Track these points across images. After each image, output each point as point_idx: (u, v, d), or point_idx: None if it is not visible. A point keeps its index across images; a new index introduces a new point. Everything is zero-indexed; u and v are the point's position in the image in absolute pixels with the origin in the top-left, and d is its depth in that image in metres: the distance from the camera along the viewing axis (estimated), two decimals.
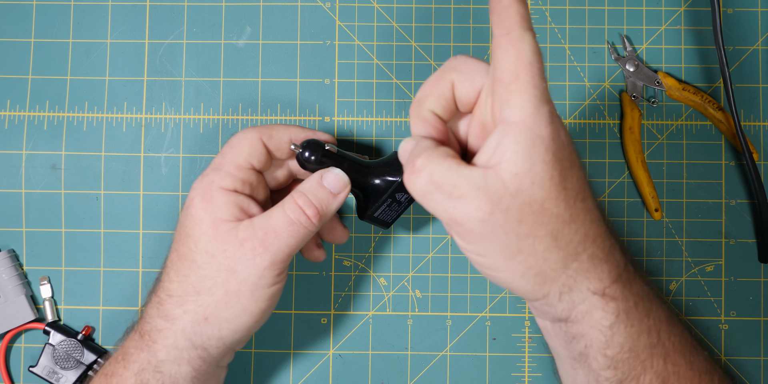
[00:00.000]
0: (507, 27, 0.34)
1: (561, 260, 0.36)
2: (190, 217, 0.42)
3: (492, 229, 0.35)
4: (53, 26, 0.53)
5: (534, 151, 0.34)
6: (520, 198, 0.34)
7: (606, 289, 0.37)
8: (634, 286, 0.38)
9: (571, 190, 0.35)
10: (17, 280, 0.51)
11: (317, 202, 0.42)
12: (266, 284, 0.41)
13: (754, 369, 0.51)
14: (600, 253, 0.37)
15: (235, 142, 0.44)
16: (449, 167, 0.35)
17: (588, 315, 0.37)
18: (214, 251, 0.41)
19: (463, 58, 0.38)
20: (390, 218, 0.46)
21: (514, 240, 0.35)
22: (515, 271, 0.36)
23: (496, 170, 0.34)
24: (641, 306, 0.38)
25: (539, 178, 0.34)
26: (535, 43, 0.35)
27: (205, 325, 0.41)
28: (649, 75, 0.52)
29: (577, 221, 0.36)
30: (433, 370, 0.51)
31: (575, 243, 0.36)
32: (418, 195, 0.36)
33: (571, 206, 0.36)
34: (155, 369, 0.41)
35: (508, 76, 0.34)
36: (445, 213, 0.35)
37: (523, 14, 0.35)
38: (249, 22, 0.53)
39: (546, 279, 0.36)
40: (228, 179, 0.42)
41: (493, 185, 0.34)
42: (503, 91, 0.35)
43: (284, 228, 0.41)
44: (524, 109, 0.34)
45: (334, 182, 0.43)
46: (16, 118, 0.52)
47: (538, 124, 0.34)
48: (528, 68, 0.34)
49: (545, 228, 0.35)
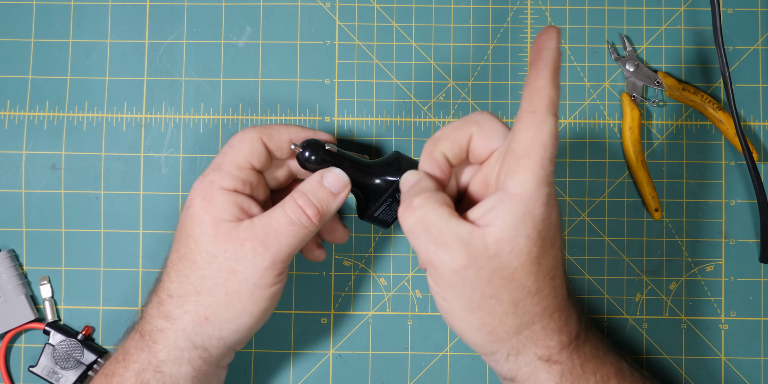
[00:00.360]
0: (535, 106, 0.36)
1: (515, 326, 0.38)
2: (191, 217, 0.42)
3: (461, 281, 0.37)
4: (53, 26, 0.53)
5: (522, 225, 0.36)
6: (495, 262, 0.37)
7: (552, 356, 0.39)
8: (582, 350, 0.40)
9: (544, 267, 0.38)
10: (17, 280, 0.51)
11: (317, 201, 0.43)
12: (267, 284, 0.41)
13: (754, 369, 0.51)
14: (554, 325, 0.39)
15: (236, 142, 0.44)
16: (441, 215, 0.37)
17: (533, 376, 0.39)
18: (214, 251, 0.41)
19: (488, 117, 0.41)
20: (390, 218, 0.46)
21: (478, 297, 0.38)
22: (471, 324, 0.39)
23: (482, 231, 0.37)
24: (588, 365, 0.40)
25: (518, 250, 0.37)
26: (555, 129, 0.37)
27: (205, 325, 0.41)
28: (649, 75, 0.52)
29: (541, 295, 0.38)
30: (433, 370, 0.51)
31: (532, 314, 0.38)
32: (407, 231, 0.38)
33: (540, 281, 0.38)
34: (156, 369, 0.41)
35: (521, 150, 0.36)
36: (425, 254, 0.38)
37: (552, 99, 0.37)
38: (249, 22, 0.53)
39: (497, 339, 0.39)
40: (228, 179, 0.42)
41: (475, 243, 0.37)
42: (512, 163, 0.37)
43: (285, 228, 0.41)
44: (525, 184, 0.36)
45: (334, 182, 0.43)
46: (16, 118, 0.52)
47: (533, 202, 0.36)
48: (541, 149, 0.36)
49: (509, 294, 0.37)
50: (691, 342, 0.51)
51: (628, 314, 0.52)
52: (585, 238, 0.52)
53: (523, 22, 0.53)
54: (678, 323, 0.51)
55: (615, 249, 0.52)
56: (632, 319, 0.52)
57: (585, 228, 0.52)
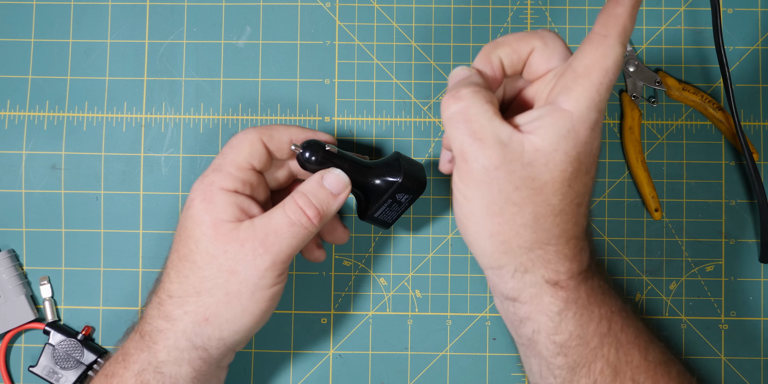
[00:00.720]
0: (608, 30, 0.36)
1: (530, 241, 0.38)
2: (191, 218, 0.42)
3: (489, 180, 0.36)
4: (53, 26, 0.53)
5: (563, 141, 0.36)
6: (528, 170, 0.36)
7: (560, 281, 0.38)
8: (589, 282, 0.40)
9: (573, 190, 0.37)
10: (17, 280, 0.51)
11: (318, 202, 0.43)
12: (267, 285, 0.41)
13: (754, 369, 0.51)
14: (568, 251, 0.38)
15: (236, 142, 0.44)
16: (486, 111, 0.37)
17: (536, 298, 0.38)
18: (214, 252, 0.41)
19: (555, 36, 0.40)
20: (390, 218, 0.46)
21: (502, 201, 0.37)
22: (486, 229, 0.38)
23: (523, 137, 0.36)
24: (594, 298, 0.39)
25: (553, 165, 0.36)
26: (621, 58, 0.36)
27: (205, 325, 0.41)
28: (649, 75, 0.52)
29: (563, 217, 0.37)
30: (433, 370, 0.51)
31: (550, 234, 0.38)
32: (447, 118, 0.37)
33: (565, 203, 0.37)
34: (155, 370, 0.41)
35: (582, 69, 0.36)
36: (460, 145, 0.37)
37: (627, 28, 0.36)
38: (249, 22, 0.53)
39: (508, 251, 0.38)
40: (228, 180, 0.42)
41: (513, 146, 0.36)
42: (570, 80, 0.36)
43: (285, 229, 0.41)
44: (579, 103, 0.36)
45: (334, 183, 0.43)
46: (16, 118, 0.52)
47: (581, 122, 0.36)
48: (602, 73, 0.36)
49: (533, 207, 0.37)
50: (691, 342, 0.51)
51: None
52: None
53: (523, 22, 0.53)
54: (678, 323, 0.51)
55: (615, 249, 0.52)
56: None
57: None
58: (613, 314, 0.40)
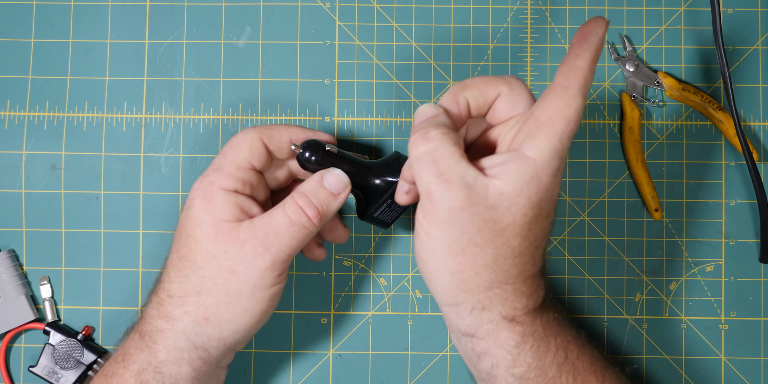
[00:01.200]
0: (570, 82, 0.38)
1: (489, 281, 0.39)
2: (191, 217, 0.42)
3: (453, 220, 0.37)
4: (53, 26, 0.53)
5: (526, 187, 0.37)
6: (491, 213, 0.37)
7: (517, 317, 0.39)
8: (544, 316, 0.41)
9: (533, 233, 0.39)
10: (17, 280, 0.51)
11: (318, 202, 0.43)
12: (267, 285, 0.41)
13: (754, 369, 0.51)
14: (525, 289, 0.40)
15: (236, 142, 0.44)
16: (454, 153, 0.38)
17: (494, 334, 0.39)
18: (214, 252, 0.41)
19: (521, 83, 0.41)
20: (390, 218, 0.46)
21: (464, 241, 0.38)
22: (447, 268, 0.39)
23: (487, 181, 0.37)
24: (549, 330, 0.41)
25: (515, 209, 0.37)
26: (581, 109, 0.38)
27: (205, 325, 0.41)
28: (649, 75, 0.52)
29: (522, 258, 0.39)
30: (433, 370, 0.51)
31: (509, 274, 0.39)
32: (414, 158, 0.38)
33: (525, 245, 0.39)
34: (155, 370, 0.41)
35: (545, 118, 0.38)
36: (426, 184, 0.38)
37: (588, 80, 0.38)
38: (249, 22, 0.53)
39: (467, 289, 0.39)
40: (228, 180, 0.42)
41: (478, 189, 0.37)
42: (534, 129, 0.38)
43: (285, 228, 0.41)
44: (542, 151, 0.37)
45: (334, 183, 0.43)
46: (16, 118, 0.52)
47: (544, 169, 0.37)
48: (565, 122, 0.37)
49: (494, 249, 0.38)
50: (691, 342, 0.51)
51: (628, 314, 0.52)
52: (585, 238, 0.52)
53: (523, 22, 0.53)
54: (678, 323, 0.51)
55: (615, 249, 0.52)
56: (632, 319, 0.52)
57: (585, 228, 0.52)
58: (568, 343, 0.41)
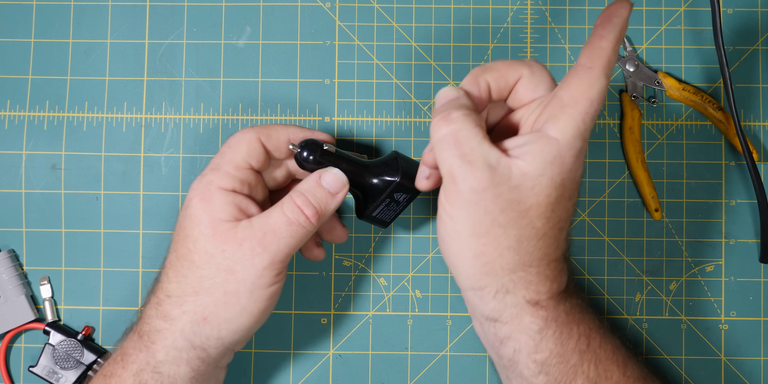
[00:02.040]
0: (593, 63, 0.37)
1: (513, 263, 0.38)
2: (189, 217, 0.42)
3: (477, 201, 0.37)
4: (53, 26, 0.53)
5: (549, 167, 0.37)
6: (514, 193, 0.37)
7: (540, 301, 0.39)
8: (568, 302, 0.41)
9: (556, 214, 0.38)
10: (17, 280, 0.51)
11: (316, 202, 0.43)
12: (265, 284, 0.41)
13: (754, 369, 0.51)
14: (549, 273, 0.39)
15: (234, 142, 0.44)
16: (475, 134, 0.37)
17: (517, 318, 0.39)
18: (212, 251, 0.41)
19: (542, 66, 0.41)
20: (389, 218, 0.46)
21: (488, 222, 0.37)
22: (470, 250, 0.38)
23: (510, 161, 0.37)
24: (572, 316, 0.40)
25: (539, 189, 0.37)
26: (605, 89, 0.38)
27: (204, 325, 0.41)
28: (649, 75, 0.52)
29: (546, 240, 0.38)
30: (433, 370, 0.51)
31: (533, 256, 0.38)
32: (437, 140, 0.38)
33: (548, 227, 0.38)
34: (153, 370, 0.41)
35: (568, 98, 0.37)
36: (449, 166, 0.37)
37: (611, 61, 0.38)
38: (249, 22, 0.53)
39: (491, 272, 0.39)
40: (227, 179, 0.42)
41: (501, 170, 0.37)
42: (557, 109, 0.38)
43: (283, 228, 0.41)
44: (565, 131, 0.37)
45: (332, 182, 0.43)
46: (16, 118, 0.52)
47: (567, 149, 0.37)
48: (588, 103, 0.37)
49: (518, 230, 0.38)
50: (691, 342, 0.51)
51: (628, 314, 0.52)
52: (585, 238, 0.52)
53: (523, 22, 0.53)
54: (678, 323, 0.51)
55: (615, 249, 0.52)
56: (632, 319, 0.52)
57: (585, 228, 0.52)
58: (591, 331, 0.41)
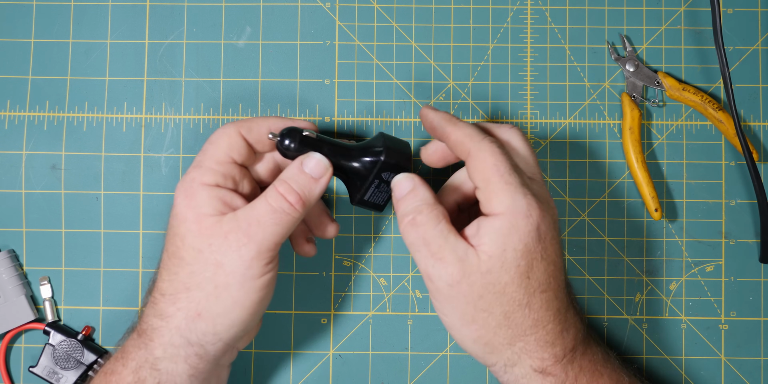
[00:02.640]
0: (465, 151, 0.41)
1: (509, 338, 0.40)
2: (175, 216, 0.42)
3: (455, 294, 0.40)
4: (53, 26, 0.53)
5: (508, 240, 0.39)
6: (487, 278, 0.39)
7: (546, 368, 0.41)
8: (578, 362, 0.42)
9: (533, 280, 0.40)
10: (17, 280, 0.51)
11: (299, 188, 0.42)
12: (255, 275, 0.41)
13: (754, 369, 0.51)
14: (548, 337, 0.41)
15: (215, 138, 0.44)
16: (441, 231, 0.40)
17: None
18: (200, 246, 0.41)
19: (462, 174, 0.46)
20: (381, 200, 0.45)
21: (471, 310, 0.40)
22: (468, 337, 0.41)
23: (476, 249, 0.40)
24: (582, 379, 0.42)
25: (508, 264, 0.39)
26: (494, 146, 0.41)
27: (198, 321, 0.41)
28: (649, 75, 0.52)
29: (531, 308, 0.40)
30: (433, 370, 0.51)
31: (524, 326, 0.40)
32: (409, 244, 0.41)
33: (529, 295, 0.40)
34: (152, 366, 0.42)
35: (481, 183, 0.40)
36: (424, 266, 0.40)
37: (469, 135, 0.41)
38: (249, 22, 0.53)
39: (493, 350, 0.41)
40: (209, 175, 0.42)
41: (469, 260, 0.39)
42: (482, 195, 0.41)
43: (267, 216, 0.41)
44: (502, 203, 0.39)
45: (314, 167, 0.43)
46: (16, 118, 0.52)
47: (515, 216, 0.39)
48: (494, 170, 0.40)
49: (501, 308, 0.40)
50: (691, 342, 0.51)
51: (628, 314, 0.52)
52: (585, 238, 0.52)
53: (523, 22, 0.53)
54: (678, 323, 0.51)
55: (615, 249, 0.52)
56: (632, 319, 0.52)
57: (585, 228, 0.52)
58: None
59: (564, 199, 0.52)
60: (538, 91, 0.52)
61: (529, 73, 0.52)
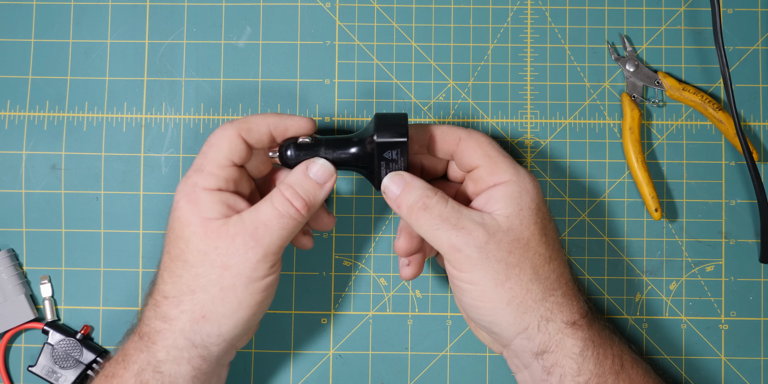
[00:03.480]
0: (452, 139, 0.44)
1: (541, 292, 0.42)
2: (178, 219, 0.42)
3: (485, 256, 0.41)
4: (53, 26, 0.53)
5: (521, 200, 0.42)
6: (510, 234, 0.42)
7: (577, 320, 0.42)
8: (596, 323, 0.44)
9: (550, 236, 0.43)
10: (17, 280, 0.51)
11: (304, 193, 0.43)
12: (260, 277, 0.42)
13: (754, 369, 0.51)
14: (571, 291, 0.43)
15: (215, 140, 0.43)
16: (453, 207, 0.42)
17: (561, 343, 0.42)
18: (206, 249, 0.41)
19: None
20: None
21: (503, 268, 0.41)
22: (502, 300, 0.41)
23: (491, 214, 0.42)
24: (605, 338, 0.44)
25: (526, 221, 0.42)
26: (480, 132, 0.45)
27: (203, 323, 0.41)
28: (649, 75, 0.52)
29: (555, 262, 0.43)
30: (433, 370, 0.51)
31: (552, 279, 0.42)
32: (425, 226, 0.42)
33: (550, 248, 0.43)
34: (155, 369, 0.41)
35: (481, 159, 0.43)
36: (447, 240, 0.41)
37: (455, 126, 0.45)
38: (249, 22, 0.53)
39: (527, 309, 0.42)
40: (211, 179, 0.42)
41: (489, 222, 0.42)
42: (485, 170, 0.43)
43: (274, 221, 0.41)
44: (507, 171, 0.43)
45: (320, 173, 0.43)
46: (16, 118, 0.52)
47: (522, 180, 0.43)
48: (491, 147, 0.44)
49: (529, 261, 0.42)
50: (691, 342, 0.51)
51: (628, 314, 0.52)
52: (585, 238, 0.52)
53: (523, 22, 0.53)
54: (678, 323, 0.51)
55: (615, 249, 0.52)
56: (632, 319, 0.52)
57: (585, 228, 0.52)
58: (623, 352, 0.44)
59: (564, 199, 0.52)
60: (538, 91, 0.52)
61: (529, 73, 0.52)
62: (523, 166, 0.52)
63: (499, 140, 0.52)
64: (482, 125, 0.52)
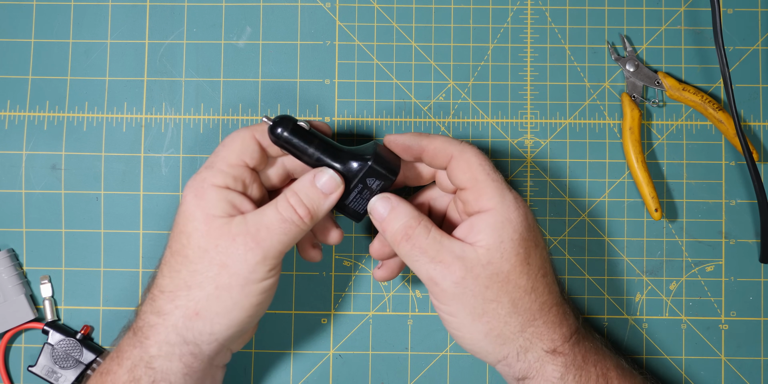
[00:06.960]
0: (443, 156, 0.44)
1: (519, 324, 0.42)
2: (183, 214, 0.42)
3: (462, 291, 0.41)
4: (53, 26, 0.53)
5: (503, 231, 0.41)
6: (489, 269, 0.41)
7: (557, 348, 0.42)
8: (583, 344, 0.44)
9: (534, 266, 0.42)
10: (17, 280, 0.51)
11: (309, 202, 0.43)
12: (257, 279, 0.42)
13: (754, 369, 0.51)
14: (554, 319, 0.43)
15: (228, 140, 0.44)
16: (434, 237, 0.42)
17: (541, 370, 0.42)
18: (206, 246, 0.41)
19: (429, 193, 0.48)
20: (361, 209, 0.45)
21: (480, 303, 0.41)
22: (479, 332, 0.42)
23: (472, 245, 0.41)
24: (588, 358, 0.43)
25: (507, 253, 0.41)
26: (474, 148, 0.43)
27: (196, 320, 0.41)
28: (649, 75, 0.52)
29: (536, 292, 0.42)
30: (433, 370, 0.51)
31: (532, 311, 0.42)
32: (405, 256, 0.42)
33: (533, 279, 0.42)
34: (147, 365, 0.42)
35: (468, 182, 0.43)
36: (426, 273, 0.42)
37: (448, 141, 0.44)
38: (249, 22, 0.53)
39: (506, 341, 0.42)
40: (220, 176, 0.43)
41: (468, 256, 0.41)
42: (471, 194, 0.43)
43: (276, 225, 0.42)
44: (492, 199, 0.42)
45: (326, 183, 0.43)
46: (16, 118, 0.52)
47: (506, 209, 0.42)
48: (480, 169, 0.43)
49: (508, 296, 0.41)
50: (691, 342, 0.51)
51: (628, 314, 0.52)
52: (585, 238, 0.52)
53: (523, 22, 0.53)
54: (678, 323, 0.51)
55: (615, 249, 0.52)
56: (632, 319, 0.52)
57: (585, 228, 0.52)
58: (608, 371, 0.44)
59: (564, 199, 0.52)
60: (538, 91, 0.52)
61: (529, 73, 0.52)
62: (523, 166, 0.52)
63: (499, 140, 0.52)
64: (482, 125, 0.52)
